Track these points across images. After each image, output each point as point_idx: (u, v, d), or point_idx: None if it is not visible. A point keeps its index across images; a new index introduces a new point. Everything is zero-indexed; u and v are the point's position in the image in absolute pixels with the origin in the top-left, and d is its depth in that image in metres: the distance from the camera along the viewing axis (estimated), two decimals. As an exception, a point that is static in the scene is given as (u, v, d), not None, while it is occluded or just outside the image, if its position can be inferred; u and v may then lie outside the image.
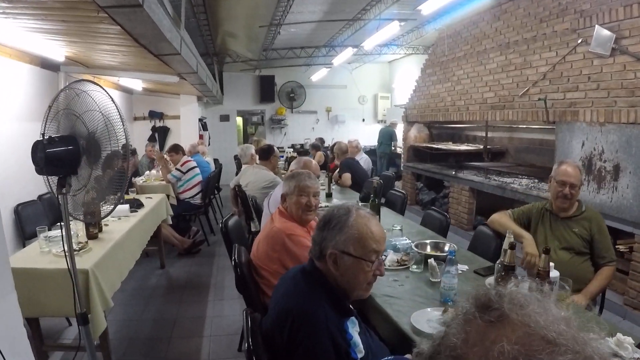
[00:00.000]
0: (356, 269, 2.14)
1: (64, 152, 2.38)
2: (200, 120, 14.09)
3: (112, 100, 2.49)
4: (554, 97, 6.71)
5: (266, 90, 16.55)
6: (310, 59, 14.37)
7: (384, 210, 5.46)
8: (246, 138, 19.39)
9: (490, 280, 3.16)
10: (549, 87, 6.88)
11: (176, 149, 8.52)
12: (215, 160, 12.36)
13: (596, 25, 5.92)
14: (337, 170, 8.24)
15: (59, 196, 2.41)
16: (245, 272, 3.31)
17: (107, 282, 3.76)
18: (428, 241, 4.11)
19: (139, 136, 12.92)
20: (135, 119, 13.44)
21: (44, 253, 3.80)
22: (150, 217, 6.02)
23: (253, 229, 6.20)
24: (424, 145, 11.04)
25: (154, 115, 13.54)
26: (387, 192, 6.98)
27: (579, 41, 6.33)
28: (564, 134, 6.53)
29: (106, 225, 4.80)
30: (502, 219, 4.11)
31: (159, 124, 13.66)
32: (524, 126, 8.37)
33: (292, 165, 4.76)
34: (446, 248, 3.97)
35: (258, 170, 6.76)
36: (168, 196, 7.69)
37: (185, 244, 7.64)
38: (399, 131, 13.89)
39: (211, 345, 4.68)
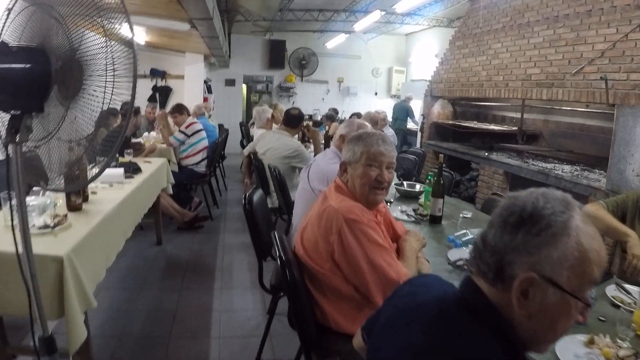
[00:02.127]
0: (560, 310, 1.14)
1: (22, 73, 1.38)
2: (205, 82, 13.15)
3: (126, 12, 1.54)
4: (615, 78, 5.93)
5: (276, 55, 15.58)
6: (327, 23, 13.34)
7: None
8: (249, 107, 18.50)
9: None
10: (609, 66, 6.11)
11: (180, 109, 7.60)
12: (220, 126, 11.47)
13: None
14: None
15: (8, 146, 1.44)
16: (298, 280, 2.37)
17: (88, 272, 2.78)
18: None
19: (139, 95, 11.50)
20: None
21: (9, 229, 2.77)
22: (148, 185, 5.07)
23: (270, 205, 5.35)
24: (450, 122, 10.17)
25: (155, 73, 12.59)
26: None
27: None
28: (625, 118, 5.74)
29: (94, 193, 3.87)
30: (598, 212, 3.32)
31: (160, 83, 12.72)
32: (568, 108, 7.62)
33: (342, 129, 3.75)
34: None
35: (280, 136, 5.85)
36: (169, 161, 6.81)
37: (186, 216, 6.76)
38: (415, 107, 13.18)
39: (222, 350, 3.75)
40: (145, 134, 8.51)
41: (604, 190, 5.95)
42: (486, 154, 8.31)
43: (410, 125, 13.44)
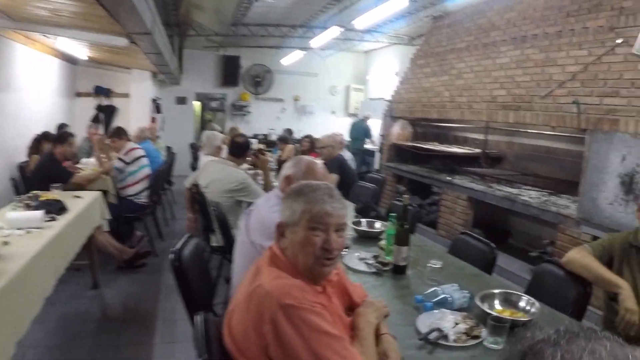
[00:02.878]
0: None
1: None
2: (153, 100, 12.49)
3: None
4: (587, 102, 5.71)
5: (230, 72, 15.02)
6: (283, 40, 12.93)
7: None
8: (203, 125, 17.92)
9: None
10: (580, 89, 5.90)
11: (119, 133, 7.01)
12: (168, 149, 10.77)
13: (644, 25, 4.99)
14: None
15: None
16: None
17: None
18: (496, 291, 2.83)
19: (82, 115, 11.22)
20: (79, 94, 11.71)
21: None
22: (77, 226, 4.43)
23: (214, 244, 4.97)
24: (410, 144, 9.81)
25: (100, 91, 11.82)
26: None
27: (619, 41, 5.48)
28: (599, 144, 5.50)
29: (6, 244, 3.19)
30: (585, 259, 3.02)
31: (105, 102, 11.95)
32: (533, 130, 7.33)
33: (288, 169, 3.18)
34: (522, 303, 2.72)
35: (224, 167, 5.28)
36: (106, 192, 6.27)
37: (126, 254, 6.09)
38: (373, 126, 12.88)
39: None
40: (84, 159, 7.82)
41: (575, 219, 5.71)
42: (448, 178, 7.99)
43: (369, 145, 13.14)
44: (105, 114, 11.89)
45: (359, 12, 8.37)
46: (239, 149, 5.48)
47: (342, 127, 15.22)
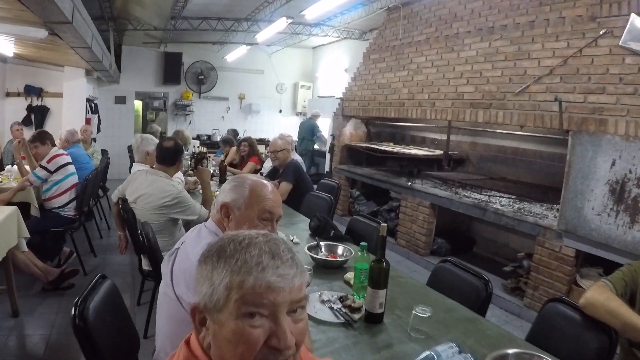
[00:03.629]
0: None
1: None
2: (89, 100, 11.27)
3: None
4: (569, 99, 5.04)
5: (171, 69, 13.85)
6: (227, 34, 11.89)
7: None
8: (145, 125, 16.79)
9: None
10: (561, 85, 5.22)
11: (41, 137, 5.92)
12: (104, 152, 9.68)
13: (632, 14, 4.60)
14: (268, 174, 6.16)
15: None
16: None
17: None
18: (510, 351, 2.04)
19: (12, 117, 9.92)
20: (8, 94, 10.61)
21: None
22: None
23: (145, 267, 4.21)
24: (365, 145, 8.98)
25: (30, 90, 10.70)
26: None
27: (602, 32, 4.89)
28: (584, 147, 4.83)
29: None
30: (611, 302, 2.30)
31: (36, 102, 10.83)
32: (500, 131, 6.70)
33: (225, 194, 2.25)
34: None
35: (155, 179, 4.29)
36: (29, 205, 5.44)
37: (50, 274, 5.15)
38: (322, 125, 12.17)
39: None
40: (8, 166, 6.78)
41: (556, 230, 5.04)
42: (409, 183, 7.20)
43: (318, 145, 12.44)
44: (37, 114, 10.78)
45: (307, 3, 7.54)
46: (170, 155, 4.43)
47: (289, 127, 14.67)
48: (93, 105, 11.92)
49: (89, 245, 6.56)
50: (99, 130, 12.41)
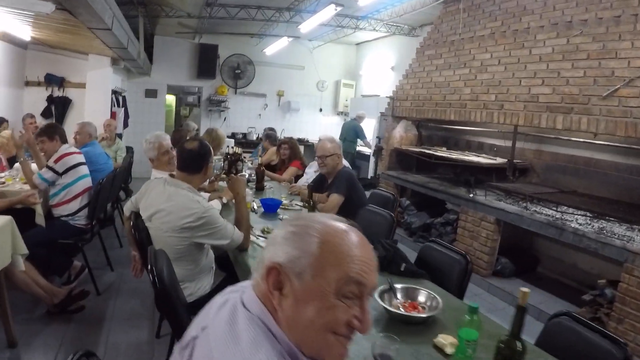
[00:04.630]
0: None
1: None
2: (115, 92, 10.81)
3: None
4: None
5: (206, 62, 13.33)
6: (267, 25, 11.33)
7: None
8: (179, 121, 16.32)
9: None
10: None
11: (50, 132, 5.29)
12: (129, 150, 9.07)
13: None
14: (312, 184, 5.46)
15: None
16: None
17: None
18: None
19: (31, 108, 9.50)
20: (28, 83, 10.15)
21: None
22: None
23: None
24: (419, 150, 8.34)
25: (52, 80, 10.22)
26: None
27: None
28: None
29: None
30: None
31: (58, 92, 10.34)
32: (567, 138, 6.10)
33: (278, 249, 1.34)
34: None
35: (174, 191, 3.34)
36: (33, 212, 4.78)
37: (57, 295, 4.48)
38: (366, 126, 11.60)
39: None
40: (17, 164, 5.93)
41: (649, 257, 4.36)
42: (471, 194, 6.58)
43: (360, 147, 11.91)
44: (57, 106, 10.30)
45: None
46: (194, 160, 3.48)
47: (330, 127, 14.28)
48: (120, 98, 11.47)
49: (105, 257, 5.90)
50: (126, 125, 12.01)
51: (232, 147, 5.49)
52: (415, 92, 8.47)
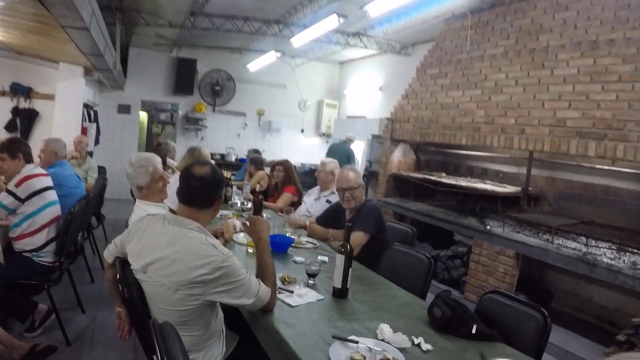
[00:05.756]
0: None
1: None
2: (87, 106, 10.19)
3: None
4: None
5: (184, 78, 12.87)
6: (250, 40, 11.00)
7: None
8: (150, 140, 15.80)
9: None
10: None
11: (12, 148, 4.49)
12: (101, 170, 8.41)
13: None
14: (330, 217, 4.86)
15: None
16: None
17: None
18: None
19: None
20: None
21: None
22: None
23: None
24: (421, 177, 7.94)
25: (17, 90, 9.54)
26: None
27: None
28: None
29: None
30: None
31: (24, 104, 9.66)
32: (583, 164, 5.91)
33: None
34: None
35: (180, 232, 2.55)
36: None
37: (18, 350, 3.79)
38: (357, 149, 11.31)
39: None
40: None
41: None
42: (488, 227, 6.20)
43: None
44: (22, 119, 9.66)
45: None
46: (203, 193, 2.69)
47: (312, 149, 14.06)
48: (92, 112, 10.84)
49: (75, 296, 5.18)
50: (97, 142, 11.35)
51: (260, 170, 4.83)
52: (418, 114, 8.11)
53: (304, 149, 14.36)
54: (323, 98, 14.61)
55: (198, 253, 2.45)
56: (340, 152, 10.94)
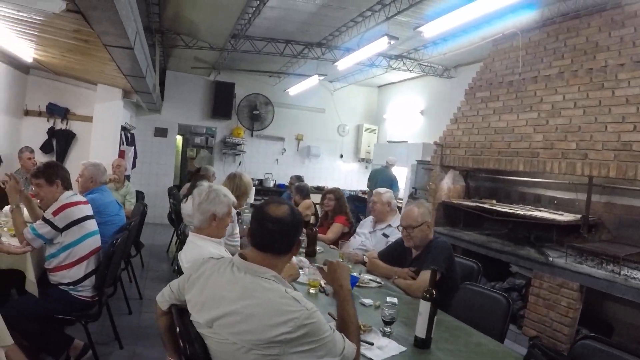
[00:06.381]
0: None
1: None
2: (125, 129, 10.17)
3: None
4: None
5: (222, 102, 12.91)
6: (292, 63, 10.98)
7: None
8: (185, 164, 15.86)
9: None
10: None
11: (49, 173, 4.23)
12: (139, 195, 8.27)
13: None
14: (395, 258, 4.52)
15: None
16: None
17: None
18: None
19: (29, 141, 8.63)
20: (27, 112, 9.33)
21: None
22: None
23: None
24: (475, 205, 7.64)
25: (54, 110, 9.40)
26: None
27: None
28: None
29: None
30: None
31: (60, 125, 9.52)
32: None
33: None
34: None
35: (255, 282, 2.25)
36: (23, 276, 4.03)
37: None
38: (399, 175, 11.03)
39: None
40: (6, 208, 4.96)
41: None
42: (550, 258, 5.92)
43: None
44: (59, 140, 9.51)
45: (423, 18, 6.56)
46: (283, 237, 2.37)
47: (351, 174, 14.05)
48: (129, 135, 10.81)
49: (113, 330, 4.89)
50: (134, 165, 11.37)
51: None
52: (470, 139, 7.86)
53: (344, 175, 14.27)
54: (362, 122, 14.51)
55: (279, 308, 2.15)
56: (383, 178, 10.76)
